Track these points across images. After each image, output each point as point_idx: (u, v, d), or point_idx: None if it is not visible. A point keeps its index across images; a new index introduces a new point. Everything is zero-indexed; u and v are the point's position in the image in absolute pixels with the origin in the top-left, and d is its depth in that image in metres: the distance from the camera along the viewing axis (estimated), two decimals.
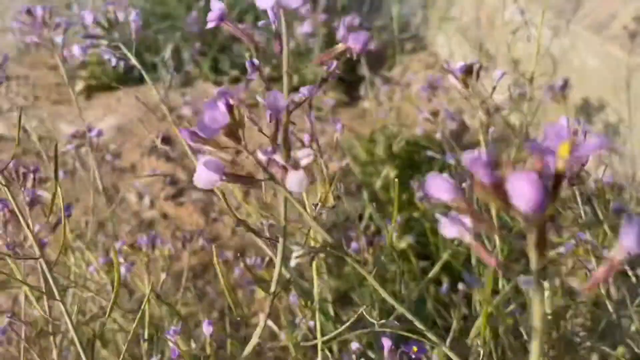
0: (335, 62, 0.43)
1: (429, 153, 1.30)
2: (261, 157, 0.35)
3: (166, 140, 2.10)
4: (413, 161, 1.62)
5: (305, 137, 0.69)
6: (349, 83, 2.40)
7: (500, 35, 2.07)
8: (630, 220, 0.24)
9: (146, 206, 1.71)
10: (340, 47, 0.43)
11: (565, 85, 1.62)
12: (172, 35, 2.46)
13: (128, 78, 2.54)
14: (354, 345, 0.69)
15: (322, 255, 0.85)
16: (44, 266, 0.61)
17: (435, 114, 1.42)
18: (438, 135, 1.32)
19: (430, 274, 0.84)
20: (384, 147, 1.56)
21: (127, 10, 0.97)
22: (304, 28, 1.68)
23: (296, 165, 0.35)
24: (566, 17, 1.73)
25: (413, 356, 0.50)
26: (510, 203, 0.23)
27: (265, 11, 0.40)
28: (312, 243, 0.65)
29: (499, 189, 0.23)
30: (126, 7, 1.11)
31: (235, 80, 2.35)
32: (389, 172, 1.52)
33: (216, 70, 2.53)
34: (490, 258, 0.27)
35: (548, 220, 0.23)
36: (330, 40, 2.24)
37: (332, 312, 0.90)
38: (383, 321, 0.51)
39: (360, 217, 1.40)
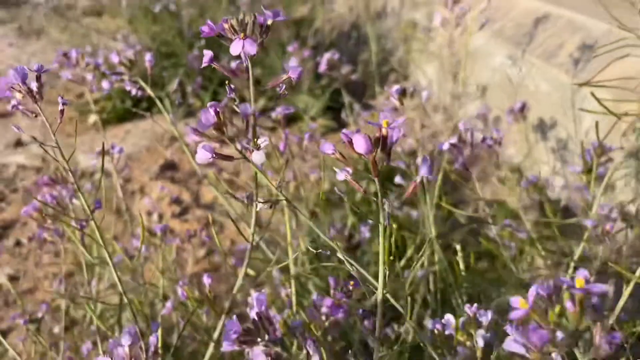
0: (284, 86, 0.66)
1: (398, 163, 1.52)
2: (238, 144, 0.58)
3: (171, 165, 2.34)
4: (391, 174, 1.85)
5: (281, 145, 0.93)
6: (337, 110, 2.65)
7: (470, 65, 2.32)
8: (424, 159, 0.47)
9: (155, 222, 1.94)
10: (284, 77, 0.66)
11: (523, 107, 1.86)
12: (176, 71, 2.73)
13: (135, 112, 2.80)
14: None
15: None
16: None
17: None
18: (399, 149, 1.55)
19: None
20: (364, 163, 1.80)
21: (136, 50, 1.22)
22: (291, 63, 1.93)
23: (258, 148, 0.57)
24: (522, 48, 1.98)
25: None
26: (356, 151, 0.45)
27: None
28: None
29: (351, 144, 0.46)
30: (139, 49, 1.37)
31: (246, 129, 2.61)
32: (369, 185, 1.75)
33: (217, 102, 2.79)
34: (359, 187, 0.49)
35: (376, 158, 0.45)
36: (316, 76, 2.50)
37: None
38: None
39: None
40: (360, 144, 0.44)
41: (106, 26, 3.57)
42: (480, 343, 0.63)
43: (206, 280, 0.76)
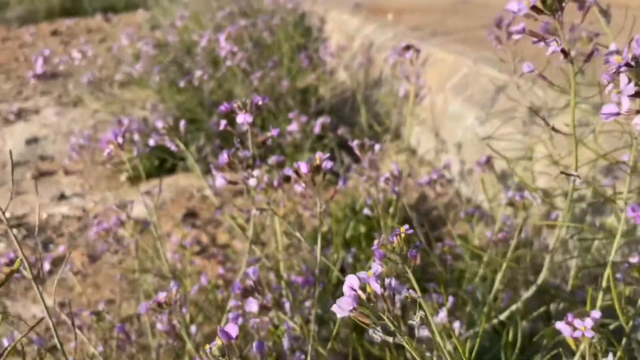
0: (270, 141, 1.05)
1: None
2: (242, 174, 0.97)
3: (192, 214, 2.75)
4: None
5: (275, 182, 1.32)
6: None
7: (447, 126, 2.74)
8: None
9: (178, 260, 2.32)
10: (268, 134, 1.05)
11: (488, 160, 2.25)
12: (198, 134, 3.19)
13: (161, 170, 3.25)
14: None
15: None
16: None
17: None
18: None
19: None
20: (353, 208, 2.18)
21: (171, 118, 1.66)
22: (292, 127, 2.36)
23: (252, 177, 0.96)
24: (487, 110, 2.40)
25: None
26: (302, 171, 0.85)
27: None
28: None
29: (300, 168, 0.85)
30: (171, 117, 1.81)
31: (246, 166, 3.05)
32: (358, 225, 2.13)
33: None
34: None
35: (314, 177, 0.85)
36: (318, 137, 2.93)
37: None
38: None
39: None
40: (304, 168, 0.83)
41: (136, 96, 4.10)
42: None
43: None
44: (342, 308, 0.58)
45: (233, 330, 0.59)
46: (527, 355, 1.05)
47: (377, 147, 1.36)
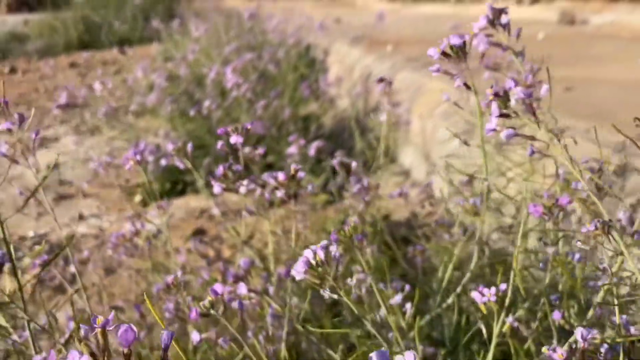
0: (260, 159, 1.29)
1: None
2: (237, 184, 1.21)
3: (201, 231, 2.99)
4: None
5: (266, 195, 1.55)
6: (337, 188, 3.30)
7: (436, 149, 2.97)
8: None
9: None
10: (257, 152, 1.30)
11: (470, 180, 2.47)
12: (204, 158, 3.45)
13: (172, 192, 3.51)
14: None
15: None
16: None
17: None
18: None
19: None
20: (343, 222, 2.41)
21: (180, 142, 1.92)
22: (292, 150, 2.60)
23: (242, 186, 1.19)
24: (470, 135, 2.63)
25: None
26: (280, 179, 1.08)
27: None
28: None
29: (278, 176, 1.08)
30: (181, 142, 2.05)
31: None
32: None
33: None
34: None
35: (290, 183, 1.08)
36: (317, 160, 3.17)
37: None
38: None
39: None
40: (281, 176, 1.06)
41: (149, 125, 4.40)
42: None
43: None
44: (297, 271, 0.82)
45: (219, 288, 0.81)
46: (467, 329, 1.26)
47: (353, 164, 1.59)
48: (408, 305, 1.14)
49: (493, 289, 0.93)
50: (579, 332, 0.73)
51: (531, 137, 0.89)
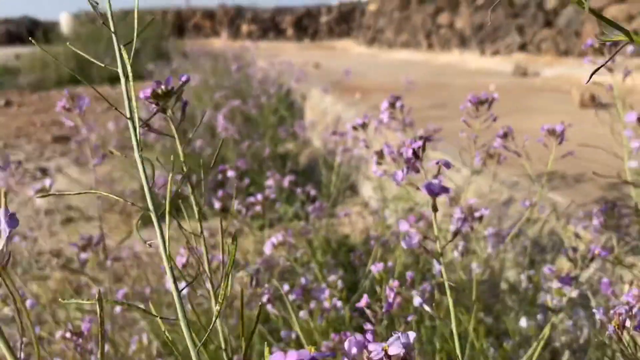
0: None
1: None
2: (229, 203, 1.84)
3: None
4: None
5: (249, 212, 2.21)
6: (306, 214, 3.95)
7: (387, 185, 3.66)
8: None
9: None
10: (243, 184, 1.94)
11: (412, 209, 3.15)
12: (195, 188, 4.09)
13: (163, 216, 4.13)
14: None
15: None
16: None
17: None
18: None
19: None
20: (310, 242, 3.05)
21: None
22: (269, 182, 3.26)
23: (235, 204, 1.83)
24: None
25: None
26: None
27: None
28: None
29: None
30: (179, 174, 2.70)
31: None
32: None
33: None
34: None
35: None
36: (291, 191, 3.82)
37: None
38: None
39: None
40: (259, 196, 1.70)
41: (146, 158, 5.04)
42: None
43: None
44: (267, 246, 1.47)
45: None
46: None
47: (312, 192, 2.25)
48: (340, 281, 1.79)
49: (382, 264, 1.58)
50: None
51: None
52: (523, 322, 1.23)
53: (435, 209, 0.87)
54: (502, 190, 2.49)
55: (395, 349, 0.51)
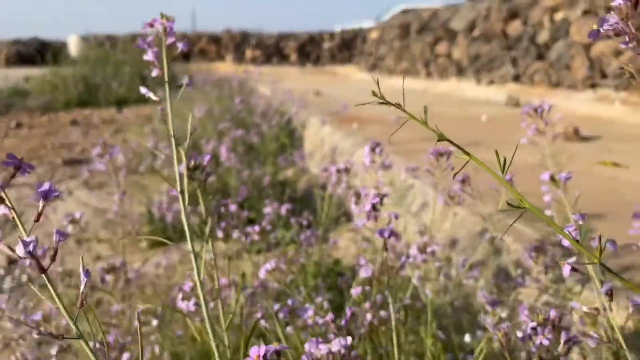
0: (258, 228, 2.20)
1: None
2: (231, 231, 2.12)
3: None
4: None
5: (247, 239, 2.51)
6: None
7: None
8: None
9: None
10: (243, 214, 2.21)
11: (385, 247, 3.43)
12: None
13: (177, 237, 4.42)
14: None
15: None
16: None
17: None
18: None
19: None
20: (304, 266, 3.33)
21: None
22: (267, 209, 3.55)
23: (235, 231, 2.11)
24: (401, 203, 3.61)
25: None
26: None
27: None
28: None
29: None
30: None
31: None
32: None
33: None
34: None
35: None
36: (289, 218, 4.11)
37: None
38: None
39: None
40: (256, 228, 1.97)
41: (152, 183, 5.34)
42: None
43: None
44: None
45: None
46: None
47: (304, 222, 2.53)
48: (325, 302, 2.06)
49: (360, 288, 1.86)
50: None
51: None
52: (467, 338, 1.50)
53: (385, 248, 1.15)
54: (476, 221, 2.77)
55: (335, 346, 0.79)
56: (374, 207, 1.18)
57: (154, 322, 1.82)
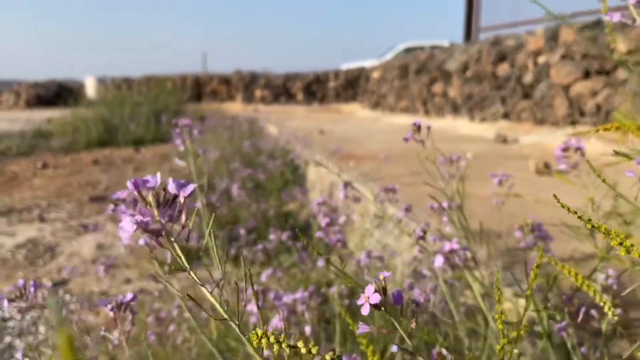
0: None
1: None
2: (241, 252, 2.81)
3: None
4: None
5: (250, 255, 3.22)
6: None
7: (366, 241, 4.63)
8: None
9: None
10: (251, 238, 2.90)
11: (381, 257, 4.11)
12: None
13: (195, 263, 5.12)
14: None
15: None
16: None
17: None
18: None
19: None
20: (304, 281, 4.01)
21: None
22: (272, 237, 4.24)
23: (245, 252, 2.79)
24: (386, 230, 4.30)
25: None
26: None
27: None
28: None
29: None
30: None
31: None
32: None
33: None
34: None
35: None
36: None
37: None
38: None
39: None
40: (261, 248, 2.66)
41: None
42: None
43: None
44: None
45: None
46: None
47: (299, 244, 3.22)
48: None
49: (347, 301, 2.56)
50: None
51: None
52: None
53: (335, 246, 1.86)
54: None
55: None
56: (327, 225, 1.88)
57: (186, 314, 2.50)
